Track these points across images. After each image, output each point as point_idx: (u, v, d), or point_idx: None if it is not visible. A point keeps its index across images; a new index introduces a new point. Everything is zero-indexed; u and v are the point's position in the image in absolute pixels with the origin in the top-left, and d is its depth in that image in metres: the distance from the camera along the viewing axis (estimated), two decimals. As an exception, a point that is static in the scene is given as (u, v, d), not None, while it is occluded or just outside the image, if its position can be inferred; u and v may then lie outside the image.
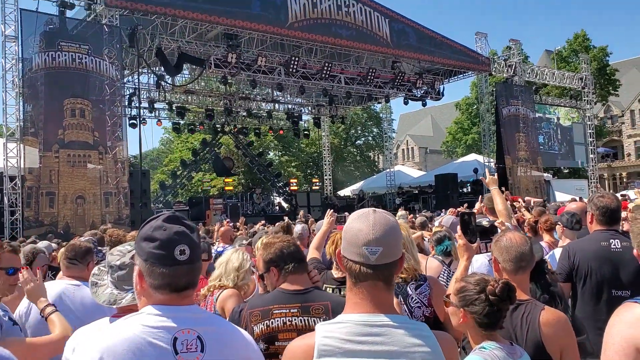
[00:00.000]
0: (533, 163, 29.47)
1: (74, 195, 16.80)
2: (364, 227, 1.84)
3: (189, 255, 1.86)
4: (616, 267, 3.76)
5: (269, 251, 3.08)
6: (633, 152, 64.98)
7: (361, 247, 1.82)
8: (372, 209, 1.91)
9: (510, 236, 2.90)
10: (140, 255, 1.88)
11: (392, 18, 25.41)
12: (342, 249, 1.89)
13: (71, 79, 17.22)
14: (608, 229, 3.92)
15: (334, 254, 4.16)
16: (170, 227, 1.89)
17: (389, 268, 1.86)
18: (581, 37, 50.01)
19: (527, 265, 2.82)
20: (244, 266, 4.26)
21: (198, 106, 31.85)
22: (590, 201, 4.06)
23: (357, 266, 1.84)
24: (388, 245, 1.84)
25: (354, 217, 1.91)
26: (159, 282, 1.84)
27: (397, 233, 1.90)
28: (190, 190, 44.00)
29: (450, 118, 68.68)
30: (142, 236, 1.90)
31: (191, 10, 19.99)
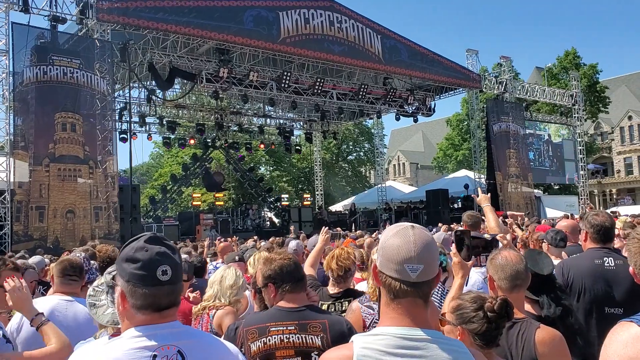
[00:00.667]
0: (524, 179, 29.60)
1: (64, 209, 16.70)
2: (404, 244, 1.82)
3: (170, 276, 1.88)
4: (610, 284, 3.78)
5: (268, 267, 3.07)
6: (623, 169, 65.43)
7: (402, 265, 1.80)
8: (410, 225, 1.89)
9: (506, 254, 2.90)
10: (122, 276, 1.89)
11: (384, 34, 25.57)
12: (380, 265, 1.87)
13: (62, 93, 17.17)
14: (602, 247, 3.94)
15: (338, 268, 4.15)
16: (152, 248, 1.90)
17: (428, 285, 1.86)
18: (571, 55, 50.55)
19: (522, 284, 2.82)
20: (237, 283, 4.25)
21: (189, 121, 31.81)
22: (585, 219, 4.08)
23: (397, 283, 1.82)
24: (428, 263, 1.83)
25: (391, 232, 1.89)
26: (141, 303, 1.85)
27: (435, 250, 1.89)
28: (180, 205, 43.84)
29: (441, 134, 69.03)
30: (123, 257, 1.91)
31: (183, 25, 20.02)
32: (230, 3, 21.30)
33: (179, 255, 1.98)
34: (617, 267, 3.79)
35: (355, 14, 24.77)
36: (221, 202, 35.78)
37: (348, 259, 4.20)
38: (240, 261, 6.01)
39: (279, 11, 22.26)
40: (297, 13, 22.79)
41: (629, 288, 3.66)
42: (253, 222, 30.04)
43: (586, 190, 35.08)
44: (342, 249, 4.30)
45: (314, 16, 23.26)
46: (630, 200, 53.98)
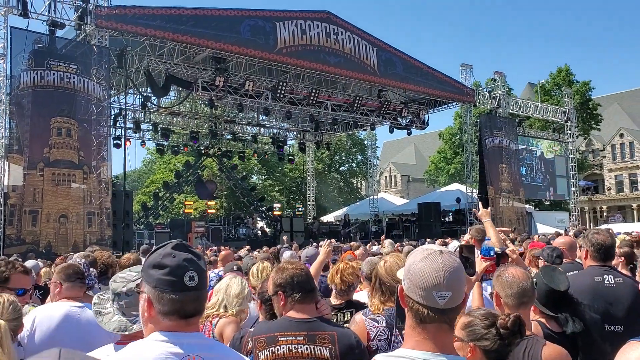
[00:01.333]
0: (515, 194, 29.71)
1: (57, 214, 16.63)
2: (432, 271, 1.81)
3: (197, 282, 1.90)
4: (610, 302, 3.82)
5: (280, 275, 3.10)
6: (613, 186, 65.90)
7: (430, 291, 1.79)
8: (438, 250, 1.88)
9: (513, 271, 2.93)
10: (149, 282, 1.91)
11: (380, 47, 25.72)
12: (407, 289, 1.86)
13: (59, 98, 17.15)
14: (602, 265, 3.99)
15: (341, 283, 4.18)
16: (179, 255, 1.93)
17: (455, 311, 1.86)
18: (564, 72, 50.94)
19: (529, 301, 2.85)
20: (243, 293, 4.27)
21: (183, 128, 31.80)
22: (585, 237, 4.13)
23: (424, 309, 1.81)
24: (456, 290, 1.82)
25: (419, 256, 1.87)
26: (168, 309, 1.87)
27: (463, 276, 1.90)
28: (171, 212, 43.73)
29: (433, 147, 69.27)
30: (151, 263, 1.93)
31: (180, 33, 20.08)
32: (228, 12, 21.39)
33: (204, 262, 2.00)
34: (617, 285, 3.84)
35: (351, 26, 24.93)
36: (213, 210, 35.71)
37: (352, 274, 4.25)
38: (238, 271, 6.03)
39: (276, 22, 22.37)
40: (294, 24, 22.91)
41: (628, 306, 3.72)
42: (249, 231, 30.00)
43: (577, 206, 35.28)
44: (347, 264, 4.34)
45: (311, 27, 23.39)
46: (621, 217, 54.35)
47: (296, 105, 25.54)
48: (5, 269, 3.63)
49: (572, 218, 34.23)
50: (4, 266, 3.66)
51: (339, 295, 4.26)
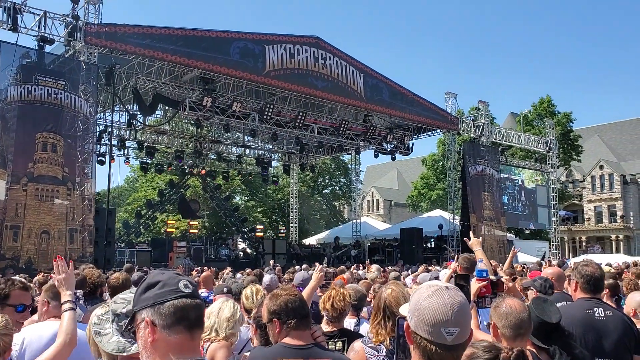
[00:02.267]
0: (497, 222, 29.90)
1: (39, 229, 16.44)
2: (440, 307, 1.82)
3: (192, 290, 1.91)
4: (600, 335, 3.87)
5: (274, 302, 3.09)
6: (593, 217, 66.60)
7: (438, 327, 1.80)
8: (444, 285, 1.90)
9: (510, 302, 2.97)
10: (146, 305, 1.88)
11: (367, 73, 25.98)
12: (414, 326, 1.86)
13: (45, 113, 17.07)
14: (592, 298, 4.05)
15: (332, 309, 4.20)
16: (168, 271, 1.98)
17: (463, 347, 1.87)
18: (546, 102, 51.69)
19: (525, 332, 2.89)
20: (235, 316, 4.26)
21: (167, 146, 31.73)
22: (575, 269, 4.19)
23: (433, 346, 1.81)
24: (464, 325, 1.84)
25: (425, 292, 1.88)
26: (172, 318, 1.83)
27: (469, 311, 1.91)
28: (152, 231, 43.41)
29: (415, 172, 69.65)
30: (142, 289, 1.93)
31: (170, 53, 20.14)
32: (217, 34, 21.52)
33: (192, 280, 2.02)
34: (607, 317, 3.89)
35: (339, 52, 25.18)
36: (195, 230, 35.51)
37: (343, 301, 4.26)
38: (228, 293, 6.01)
39: (266, 45, 22.53)
40: (283, 48, 23.09)
41: (618, 339, 3.77)
42: (231, 253, 29.81)
43: (557, 236, 35.58)
44: (338, 291, 4.36)
45: (300, 51, 23.59)
46: (600, 248, 54.85)
47: (282, 127, 25.64)
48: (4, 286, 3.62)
49: (552, 248, 34.50)
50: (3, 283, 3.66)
51: (331, 321, 4.27)
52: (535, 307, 3.52)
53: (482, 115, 31.53)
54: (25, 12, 17.50)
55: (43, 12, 17.77)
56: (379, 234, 36.41)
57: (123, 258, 23.59)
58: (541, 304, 3.55)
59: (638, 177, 65.93)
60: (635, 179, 65.78)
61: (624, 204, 64.63)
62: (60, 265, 3.34)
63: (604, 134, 73.86)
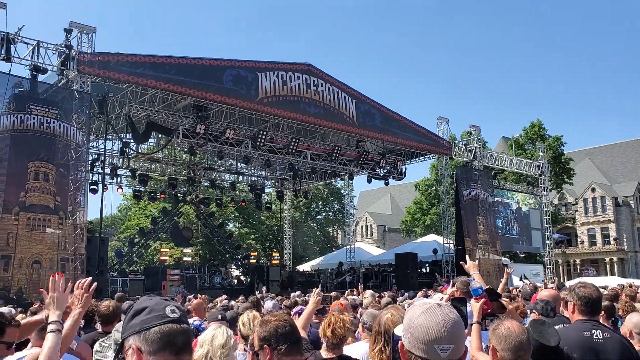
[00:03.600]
0: (493, 246, 29.87)
1: (30, 259, 16.28)
2: (433, 324, 1.82)
3: (179, 315, 1.90)
4: (599, 357, 3.83)
5: (264, 329, 3.04)
6: (586, 240, 66.69)
7: (432, 345, 1.80)
8: (436, 303, 1.90)
9: (509, 325, 2.95)
10: (133, 332, 1.87)
11: (359, 99, 26.13)
12: (408, 344, 1.86)
13: (37, 143, 17.02)
14: (590, 319, 4.02)
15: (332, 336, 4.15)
16: (156, 297, 1.97)
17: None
18: (537, 126, 52.03)
19: (525, 355, 2.86)
20: (229, 343, 4.18)
21: (160, 174, 31.69)
22: (572, 291, 4.16)
23: None
24: (457, 342, 1.84)
25: (418, 310, 1.89)
26: (157, 345, 1.82)
27: (462, 328, 1.91)
28: (145, 259, 43.15)
29: (409, 197, 69.74)
30: (131, 315, 1.92)
31: (163, 81, 20.20)
32: (210, 62, 21.63)
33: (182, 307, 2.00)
34: (605, 340, 3.86)
35: (331, 78, 25.34)
36: (188, 257, 35.32)
37: (343, 327, 4.21)
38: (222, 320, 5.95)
39: (258, 72, 22.66)
40: (276, 75, 23.22)
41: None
42: (223, 281, 29.63)
43: (552, 259, 35.56)
44: (338, 317, 4.31)
45: (292, 78, 23.73)
46: (594, 271, 54.76)
47: (276, 153, 25.68)
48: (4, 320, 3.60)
49: (547, 271, 34.46)
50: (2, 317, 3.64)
51: (330, 348, 4.21)
52: (533, 330, 3.50)
53: (474, 140, 31.70)
54: (19, 42, 17.54)
55: (36, 42, 17.83)
56: (373, 260, 36.29)
57: (115, 287, 23.38)
58: (539, 327, 3.52)
59: (630, 199, 66.19)
60: (627, 201, 66.03)
61: (617, 226, 64.77)
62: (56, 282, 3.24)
63: (595, 157, 74.29)
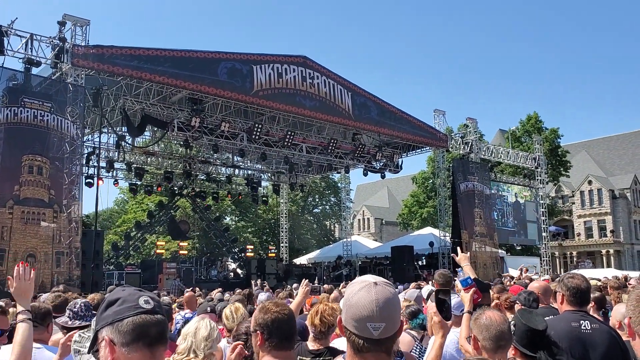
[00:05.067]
0: (490, 239, 29.86)
1: (24, 253, 16.25)
2: (366, 303, 1.84)
3: (153, 306, 1.84)
4: (586, 348, 3.81)
5: (262, 316, 3.03)
6: (583, 232, 66.85)
7: (364, 323, 1.83)
8: (373, 281, 1.91)
9: (490, 314, 2.93)
10: (105, 323, 1.82)
11: (355, 92, 26.06)
12: (344, 320, 1.90)
13: (31, 136, 16.98)
14: (578, 310, 4.00)
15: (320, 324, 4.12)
16: (130, 287, 1.92)
17: (391, 340, 1.89)
18: (534, 119, 52.03)
19: (506, 344, 2.85)
20: (212, 335, 4.14)
21: (156, 168, 31.61)
22: (561, 282, 4.14)
23: (360, 340, 1.84)
24: (390, 320, 1.86)
25: (354, 289, 1.91)
26: (130, 336, 1.77)
27: (397, 306, 1.92)
28: (142, 253, 43.12)
29: (406, 190, 69.72)
30: (104, 306, 1.87)
31: (158, 74, 20.13)
32: (205, 55, 21.56)
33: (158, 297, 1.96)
34: (593, 330, 3.84)
35: (327, 71, 25.26)
36: (185, 251, 35.28)
37: (332, 315, 4.17)
38: (212, 312, 5.94)
39: (253, 65, 22.58)
40: (271, 67, 23.14)
41: (605, 352, 3.72)
42: (219, 274, 29.61)
43: (548, 252, 35.61)
44: (327, 305, 4.28)
45: (287, 71, 23.65)
46: (590, 263, 54.87)
47: (271, 147, 25.63)
48: None
49: (543, 263, 34.50)
50: None
51: (317, 338, 4.17)
52: (521, 316, 3.49)
53: (471, 132, 31.67)
54: (12, 34, 17.49)
55: (30, 35, 17.76)
56: (369, 253, 36.32)
57: (112, 280, 23.36)
58: (527, 314, 3.51)
59: (627, 191, 66.29)
60: (624, 193, 66.14)
61: (614, 218, 64.91)
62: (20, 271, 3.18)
63: (591, 150, 74.39)
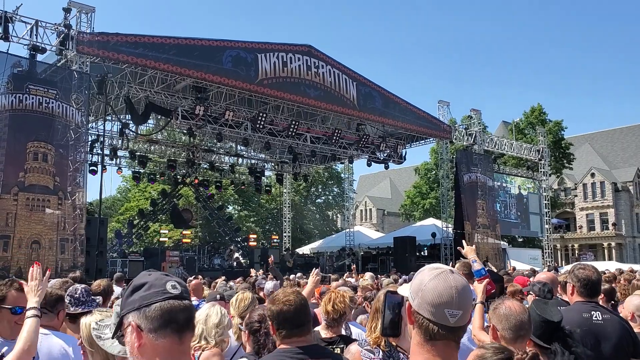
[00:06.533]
0: (492, 230, 29.85)
1: (29, 239, 16.28)
2: (445, 289, 1.84)
3: (181, 291, 1.83)
4: (598, 339, 3.82)
5: (270, 307, 3.05)
6: (585, 225, 66.84)
7: (442, 309, 1.82)
8: (448, 269, 1.92)
9: (510, 304, 2.93)
10: (132, 307, 1.80)
11: (360, 82, 25.98)
12: (417, 305, 1.88)
13: (36, 123, 16.94)
14: (589, 301, 4.00)
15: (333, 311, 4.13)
16: (156, 272, 1.90)
17: (463, 330, 1.89)
18: (537, 111, 51.89)
19: (526, 334, 2.85)
20: (223, 322, 4.17)
21: (160, 156, 31.61)
22: (571, 273, 4.15)
23: (435, 326, 1.84)
24: (466, 309, 1.87)
25: (430, 274, 1.90)
26: (158, 322, 1.75)
27: (471, 296, 1.94)
28: (145, 241, 43.20)
29: (408, 182, 69.75)
30: (130, 291, 1.85)
31: (162, 62, 20.08)
32: (210, 43, 21.49)
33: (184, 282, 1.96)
34: (604, 321, 3.85)
35: (332, 60, 25.18)
36: (188, 239, 35.33)
37: (343, 302, 4.19)
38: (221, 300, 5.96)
39: (258, 53, 22.52)
40: (276, 56, 23.07)
41: (616, 343, 3.73)
42: (224, 262, 29.66)
43: (550, 244, 35.61)
44: (338, 293, 4.29)
45: (292, 60, 23.58)
46: (592, 256, 54.98)
47: (275, 136, 25.60)
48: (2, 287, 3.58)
49: (545, 255, 34.52)
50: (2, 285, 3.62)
51: (330, 325, 4.19)
52: (536, 307, 3.49)
53: (475, 124, 31.60)
54: (17, 21, 17.41)
55: (35, 21, 17.69)
56: (372, 243, 36.35)
57: (115, 268, 23.44)
58: (542, 305, 3.51)
59: (629, 184, 66.22)
60: (627, 186, 66.07)
61: (616, 211, 64.88)
62: (34, 272, 3.32)
63: (595, 142, 74.25)
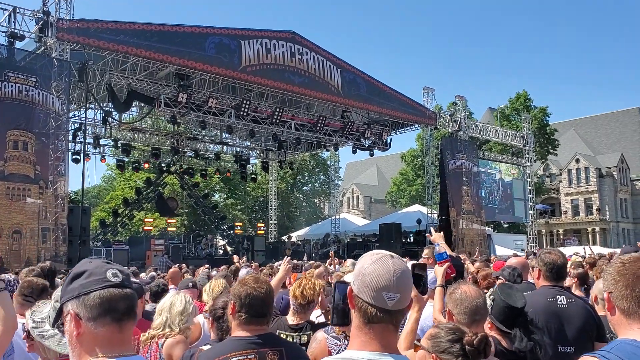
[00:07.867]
0: (478, 216, 29.97)
1: (10, 229, 16.17)
2: (384, 273, 1.87)
3: (122, 279, 1.79)
4: (562, 322, 3.85)
5: (238, 288, 3.04)
6: (570, 210, 67.37)
7: (380, 292, 1.85)
8: (389, 254, 1.94)
9: (465, 289, 2.93)
10: (71, 296, 1.76)
11: (344, 68, 25.89)
12: (357, 290, 1.90)
13: (16, 111, 16.76)
14: (555, 285, 4.03)
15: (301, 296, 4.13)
16: (97, 260, 1.86)
17: (402, 313, 1.92)
18: (523, 97, 52.08)
19: (481, 319, 2.85)
20: (187, 309, 4.14)
21: (144, 144, 31.41)
22: (538, 257, 4.17)
23: (373, 309, 1.86)
24: (404, 293, 1.89)
25: (370, 259, 1.93)
26: (97, 310, 1.72)
27: (411, 280, 1.97)
28: (130, 229, 43.04)
29: (395, 169, 69.91)
30: (70, 279, 1.82)
31: (144, 49, 19.89)
32: (192, 29, 21.31)
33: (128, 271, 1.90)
34: (569, 305, 3.88)
35: (316, 47, 25.06)
36: (173, 228, 35.24)
37: (312, 289, 4.18)
38: (193, 287, 5.95)
39: (241, 40, 22.36)
40: (259, 43, 22.92)
41: (580, 327, 3.76)
42: (206, 250, 29.67)
43: (535, 229, 35.84)
44: (309, 280, 4.29)
45: (276, 46, 23.43)
46: (577, 241, 55.41)
47: (260, 123, 25.49)
48: None
49: (530, 241, 34.77)
50: None
51: (297, 312, 4.18)
52: (500, 292, 3.50)
53: (460, 110, 31.63)
54: (-6, 7, 17.20)
55: (12, 8, 17.47)
56: (358, 230, 36.46)
57: (99, 257, 23.33)
58: (507, 290, 3.52)
59: (613, 170, 66.75)
60: (611, 172, 66.59)
61: (600, 196, 65.42)
62: None
63: (579, 128, 74.72)
